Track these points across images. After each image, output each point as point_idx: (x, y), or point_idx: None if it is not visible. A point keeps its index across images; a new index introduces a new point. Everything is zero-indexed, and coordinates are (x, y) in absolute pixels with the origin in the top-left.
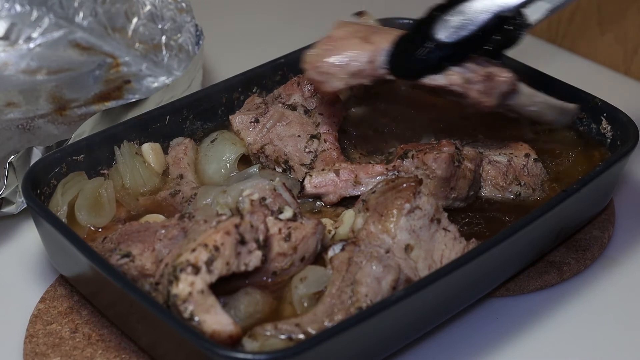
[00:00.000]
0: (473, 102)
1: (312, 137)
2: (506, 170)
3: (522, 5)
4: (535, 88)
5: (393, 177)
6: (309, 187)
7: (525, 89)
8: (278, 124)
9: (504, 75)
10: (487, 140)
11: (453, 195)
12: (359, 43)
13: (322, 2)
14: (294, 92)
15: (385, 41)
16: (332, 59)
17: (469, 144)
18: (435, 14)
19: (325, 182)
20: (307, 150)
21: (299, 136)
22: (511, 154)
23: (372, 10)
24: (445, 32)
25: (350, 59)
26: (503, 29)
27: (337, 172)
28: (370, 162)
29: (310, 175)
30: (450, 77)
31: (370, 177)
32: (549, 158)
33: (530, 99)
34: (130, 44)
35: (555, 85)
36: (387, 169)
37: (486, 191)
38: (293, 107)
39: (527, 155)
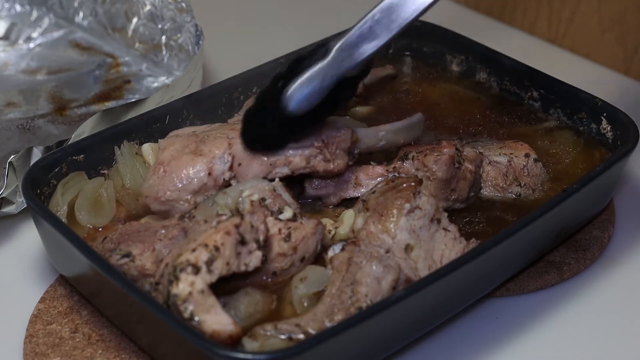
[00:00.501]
0: (324, 173)
1: None
2: (506, 171)
3: (363, 63)
4: (536, 88)
5: (393, 177)
6: (309, 189)
7: (364, 132)
8: None
9: (339, 134)
10: (488, 139)
11: (453, 196)
12: (191, 159)
13: (322, 2)
14: None
15: (216, 147)
16: (170, 186)
17: (468, 143)
18: (280, 85)
19: (326, 184)
20: None
21: None
22: (511, 154)
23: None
24: (295, 103)
25: (188, 178)
26: (350, 83)
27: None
28: (370, 164)
29: (311, 177)
30: (292, 164)
31: (371, 178)
32: (549, 158)
33: (375, 137)
34: (130, 44)
35: (556, 85)
36: (387, 170)
37: (486, 192)
38: None
39: (527, 156)
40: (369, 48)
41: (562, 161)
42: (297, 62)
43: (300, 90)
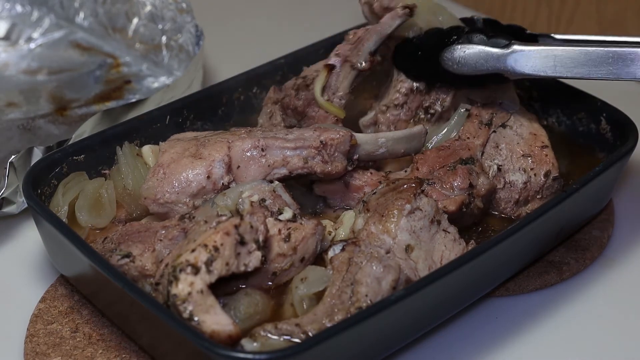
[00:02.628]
0: (322, 175)
1: None
2: (519, 196)
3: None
4: (536, 88)
5: (394, 179)
6: (317, 190)
7: (363, 137)
8: None
9: (337, 136)
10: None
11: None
12: (190, 162)
13: (322, 2)
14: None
15: (215, 151)
16: (168, 188)
17: (497, 130)
18: (453, 39)
19: (334, 190)
20: None
21: None
22: (532, 169)
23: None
24: (452, 62)
25: (187, 181)
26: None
27: (346, 183)
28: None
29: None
30: (290, 165)
31: None
32: None
33: (375, 143)
34: (131, 44)
35: (556, 86)
36: None
37: (491, 212)
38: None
39: (546, 175)
40: (536, 70)
41: (562, 161)
42: (472, 30)
43: (465, 56)
